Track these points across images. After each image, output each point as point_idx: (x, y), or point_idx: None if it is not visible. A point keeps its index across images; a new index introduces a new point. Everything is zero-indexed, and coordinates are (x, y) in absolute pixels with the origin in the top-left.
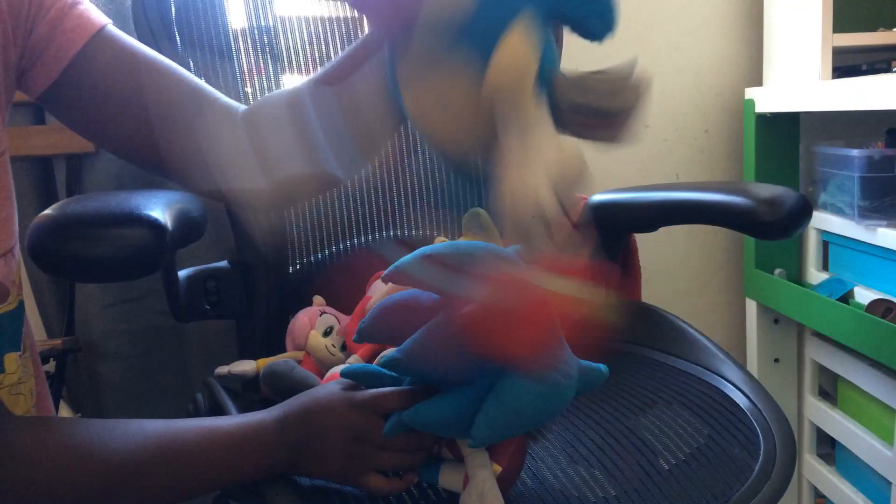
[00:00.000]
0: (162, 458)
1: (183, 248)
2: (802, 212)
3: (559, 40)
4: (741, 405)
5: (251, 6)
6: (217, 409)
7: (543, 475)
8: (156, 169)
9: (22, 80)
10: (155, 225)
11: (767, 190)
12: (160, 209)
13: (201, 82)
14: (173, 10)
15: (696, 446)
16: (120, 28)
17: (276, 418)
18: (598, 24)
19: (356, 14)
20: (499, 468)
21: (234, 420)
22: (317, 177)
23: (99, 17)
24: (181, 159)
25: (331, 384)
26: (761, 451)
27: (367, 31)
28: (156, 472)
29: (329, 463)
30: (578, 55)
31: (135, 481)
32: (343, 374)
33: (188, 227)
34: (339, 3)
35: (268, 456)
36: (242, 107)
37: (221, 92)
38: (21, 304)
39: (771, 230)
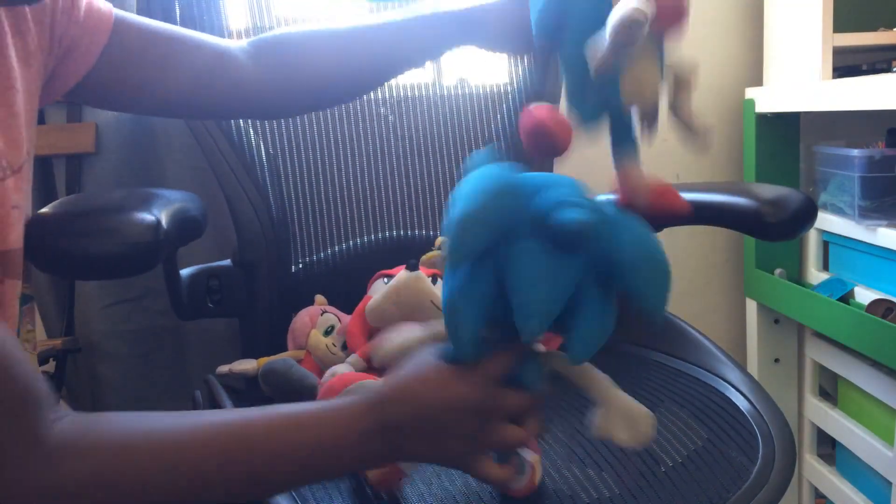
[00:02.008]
0: (224, 449)
1: (184, 247)
2: (807, 213)
3: None
4: (741, 408)
5: (251, 7)
6: (215, 407)
7: (543, 475)
8: (182, 116)
9: (50, 81)
10: (148, 222)
11: (771, 191)
12: (155, 207)
13: (206, 38)
14: (177, 10)
15: (694, 448)
16: None
17: (369, 400)
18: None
19: None
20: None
21: (313, 405)
22: None
23: (106, 7)
24: (212, 107)
25: (426, 355)
26: (759, 455)
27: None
28: (217, 464)
29: (444, 445)
30: None
31: (190, 473)
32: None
33: (186, 226)
34: (338, 2)
35: (361, 444)
36: (243, 42)
37: None
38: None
39: (775, 231)
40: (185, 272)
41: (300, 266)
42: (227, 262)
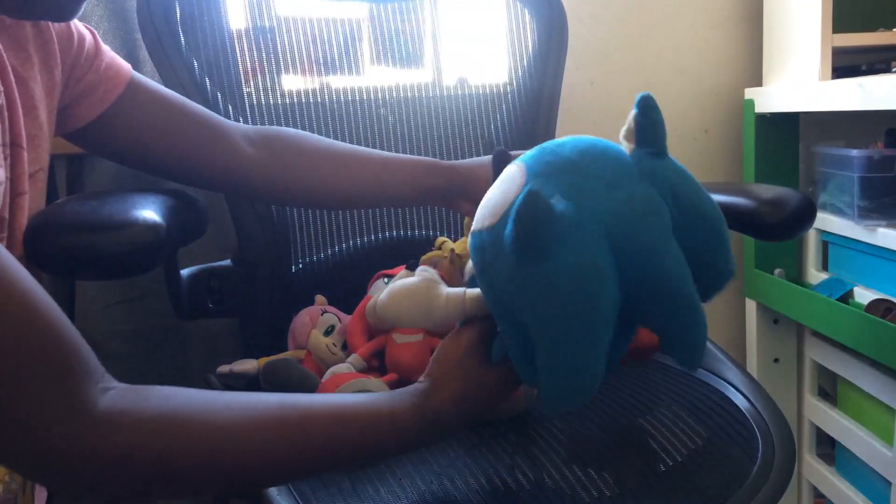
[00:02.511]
0: (269, 431)
1: (184, 247)
2: (806, 213)
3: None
4: (741, 407)
5: (252, 7)
6: None
7: (543, 475)
8: (173, 179)
9: (58, 117)
10: (151, 222)
11: (770, 191)
12: (158, 207)
13: (212, 115)
14: (178, 10)
15: (693, 448)
16: (120, 27)
17: (415, 401)
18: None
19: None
20: None
21: (358, 398)
22: None
23: (126, 65)
24: (199, 177)
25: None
26: (759, 455)
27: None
28: (262, 446)
29: (475, 416)
30: (579, 56)
31: (234, 452)
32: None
33: (188, 226)
34: (339, 3)
35: (404, 439)
36: (248, 128)
37: (223, 91)
38: None
39: (774, 231)
40: (184, 272)
41: (300, 266)
42: (227, 262)
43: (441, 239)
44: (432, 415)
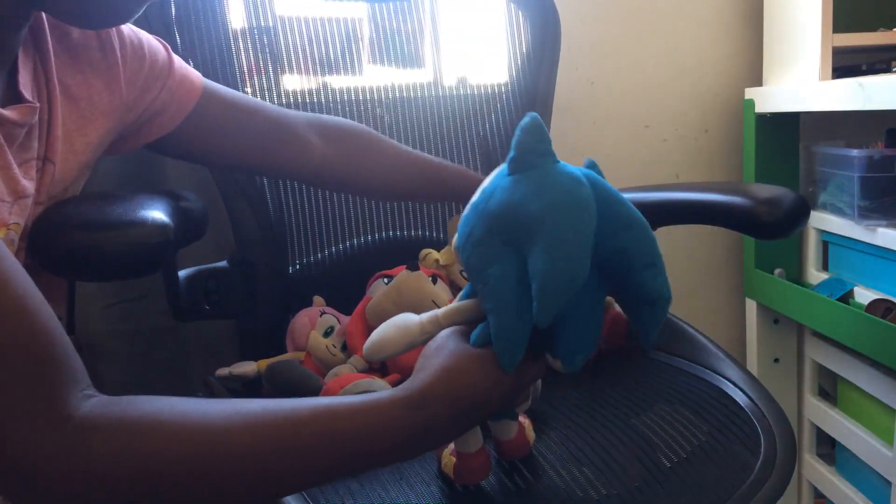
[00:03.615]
0: (260, 435)
1: (184, 248)
2: (801, 211)
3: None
4: (741, 403)
5: (251, 6)
6: None
7: (544, 474)
8: (258, 174)
9: (132, 134)
10: (160, 222)
11: (766, 190)
12: (163, 207)
13: (281, 113)
14: (173, 9)
15: (697, 444)
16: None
17: (408, 396)
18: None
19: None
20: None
21: (351, 399)
22: None
23: (198, 77)
24: (280, 171)
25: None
26: (762, 449)
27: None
28: (251, 451)
29: (476, 422)
30: (579, 56)
31: (224, 458)
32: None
33: (189, 227)
34: (338, 3)
35: (401, 437)
36: (315, 119)
37: None
38: None
39: (770, 230)
40: (181, 274)
41: (297, 267)
42: (224, 263)
43: (425, 251)
44: (418, 395)
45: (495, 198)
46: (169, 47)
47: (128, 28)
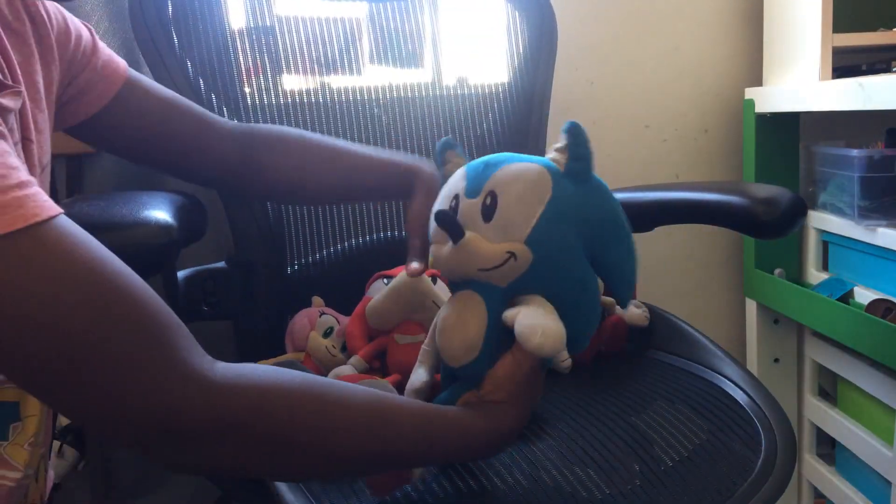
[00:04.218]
0: (371, 416)
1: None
2: (798, 210)
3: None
4: (741, 402)
5: (251, 6)
6: None
7: (545, 474)
8: (166, 172)
9: (58, 113)
10: (164, 222)
11: (764, 189)
12: (166, 207)
13: (203, 113)
14: (170, 8)
15: (697, 443)
16: (120, 27)
17: (487, 415)
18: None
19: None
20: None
21: (444, 408)
22: None
23: (122, 62)
24: (189, 171)
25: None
26: (762, 448)
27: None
28: (364, 426)
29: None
30: (579, 56)
31: (350, 429)
32: None
33: (190, 227)
34: (338, 3)
35: (479, 445)
36: (234, 124)
37: (218, 92)
38: None
39: (767, 229)
40: (180, 274)
41: (296, 267)
42: (222, 263)
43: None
44: (505, 429)
45: (575, 205)
46: (93, 29)
47: (53, 5)
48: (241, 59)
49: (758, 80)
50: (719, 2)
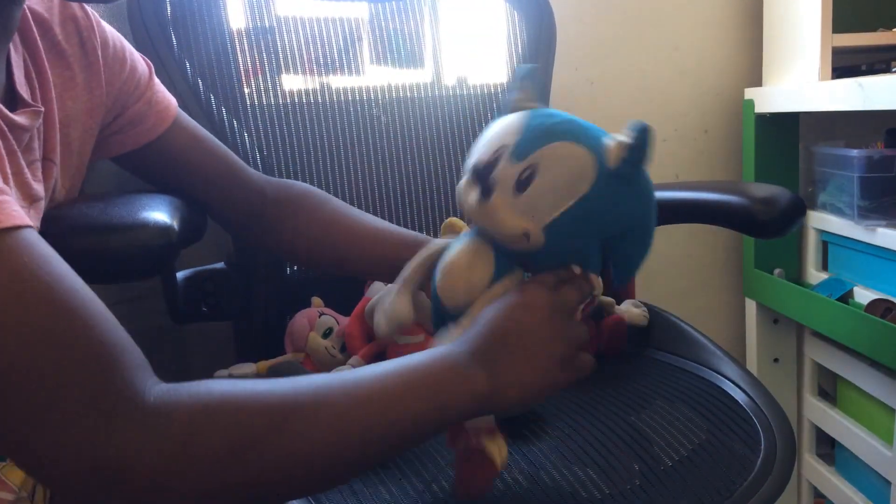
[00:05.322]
0: (337, 406)
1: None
2: (796, 210)
3: None
4: (741, 402)
5: (250, 6)
6: None
7: (544, 474)
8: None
9: (105, 141)
10: (163, 224)
11: (763, 189)
12: (166, 209)
13: (240, 163)
14: (169, 9)
15: (697, 442)
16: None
17: (456, 344)
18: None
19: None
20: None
21: (412, 358)
22: None
23: (173, 100)
24: (210, 213)
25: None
26: (762, 447)
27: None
28: (329, 422)
29: (541, 353)
30: (579, 56)
31: (299, 422)
32: None
33: (190, 228)
34: (338, 3)
35: (465, 384)
36: (270, 180)
37: (217, 93)
38: None
39: (766, 228)
40: (179, 275)
41: (295, 268)
42: (222, 264)
43: (449, 222)
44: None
45: (606, 207)
46: (152, 65)
47: (111, 32)
48: (240, 59)
49: (758, 81)
50: (719, 2)
